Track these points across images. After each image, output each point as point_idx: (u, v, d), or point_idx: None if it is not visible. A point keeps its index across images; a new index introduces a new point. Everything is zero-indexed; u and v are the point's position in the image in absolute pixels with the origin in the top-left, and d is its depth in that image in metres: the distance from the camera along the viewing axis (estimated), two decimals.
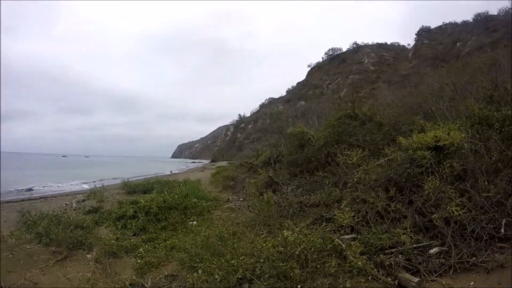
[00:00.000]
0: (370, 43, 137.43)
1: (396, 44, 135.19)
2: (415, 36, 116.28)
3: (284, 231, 5.20)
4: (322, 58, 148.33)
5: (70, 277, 6.34)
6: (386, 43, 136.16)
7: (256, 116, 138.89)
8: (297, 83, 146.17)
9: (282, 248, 4.87)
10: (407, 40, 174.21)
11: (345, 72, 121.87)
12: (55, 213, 10.17)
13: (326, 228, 6.16)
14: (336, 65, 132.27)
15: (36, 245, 8.25)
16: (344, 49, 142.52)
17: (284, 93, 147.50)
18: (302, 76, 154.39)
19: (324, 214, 7.27)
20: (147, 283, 5.66)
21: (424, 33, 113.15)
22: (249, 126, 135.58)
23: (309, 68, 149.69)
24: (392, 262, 5.09)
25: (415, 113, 10.47)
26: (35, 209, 11.65)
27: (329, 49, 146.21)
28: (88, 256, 7.59)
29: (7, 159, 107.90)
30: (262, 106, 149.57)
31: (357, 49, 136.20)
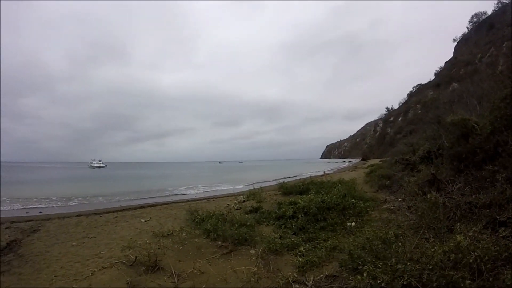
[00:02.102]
0: None
1: None
2: None
3: (457, 236, 4.75)
4: (467, 28, 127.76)
5: (236, 270, 6.86)
6: None
7: (406, 106, 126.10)
8: (444, 63, 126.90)
9: (453, 255, 4.44)
10: None
11: (497, 40, 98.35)
12: (221, 212, 11.21)
13: (501, 234, 5.37)
14: (485, 33, 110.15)
15: (204, 240, 9.23)
16: (489, 12, 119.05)
17: (432, 77, 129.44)
18: (448, 54, 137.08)
19: (497, 217, 6.41)
20: (308, 282, 5.74)
21: None
22: (399, 119, 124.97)
23: (455, 43, 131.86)
24: None
25: None
26: (201, 209, 13.01)
27: (472, 16, 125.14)
28: (251, 251, 8.08)
29: (172, 168, 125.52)
30: (411, 94, 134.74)
31: (504, 8, 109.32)
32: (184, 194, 30.49)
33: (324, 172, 41.66)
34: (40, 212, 20.23)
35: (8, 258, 8.79)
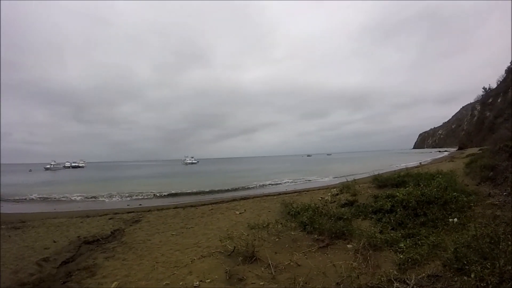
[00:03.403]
0: None
1: None
2: None
3: None
4: None
5: (335, 264, 6.83)
6: None
7: (505, 85, 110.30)
8: None
9: None
10: None
11: None
12: (317, 205, 11.33)
13: None
14: None
15: (299, 232, 9.37)
16: None
17: None
18: None
19: None
20: (409, 281, 5.53)
21: None
22: (499, 100, 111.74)
23: None
24: None
25: None
26: (294, 202, 13.25)
27: None
28: (348, 246, 8.01)
29: (261, 162, 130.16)
30: (509, 70, 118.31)
31: None
32: (275, 186, 31.24)
33: (420, 163, 39.58)
34: (140, 204, 22.26)
35: (112, 245, 9.80)
